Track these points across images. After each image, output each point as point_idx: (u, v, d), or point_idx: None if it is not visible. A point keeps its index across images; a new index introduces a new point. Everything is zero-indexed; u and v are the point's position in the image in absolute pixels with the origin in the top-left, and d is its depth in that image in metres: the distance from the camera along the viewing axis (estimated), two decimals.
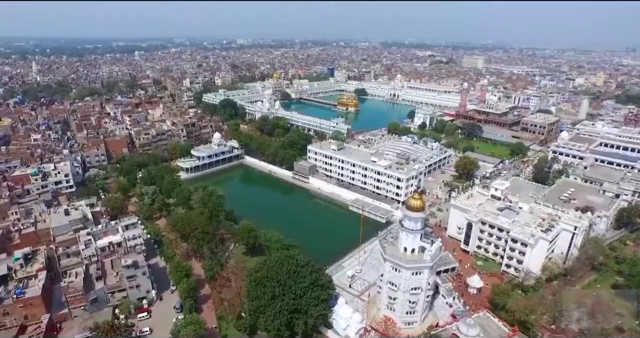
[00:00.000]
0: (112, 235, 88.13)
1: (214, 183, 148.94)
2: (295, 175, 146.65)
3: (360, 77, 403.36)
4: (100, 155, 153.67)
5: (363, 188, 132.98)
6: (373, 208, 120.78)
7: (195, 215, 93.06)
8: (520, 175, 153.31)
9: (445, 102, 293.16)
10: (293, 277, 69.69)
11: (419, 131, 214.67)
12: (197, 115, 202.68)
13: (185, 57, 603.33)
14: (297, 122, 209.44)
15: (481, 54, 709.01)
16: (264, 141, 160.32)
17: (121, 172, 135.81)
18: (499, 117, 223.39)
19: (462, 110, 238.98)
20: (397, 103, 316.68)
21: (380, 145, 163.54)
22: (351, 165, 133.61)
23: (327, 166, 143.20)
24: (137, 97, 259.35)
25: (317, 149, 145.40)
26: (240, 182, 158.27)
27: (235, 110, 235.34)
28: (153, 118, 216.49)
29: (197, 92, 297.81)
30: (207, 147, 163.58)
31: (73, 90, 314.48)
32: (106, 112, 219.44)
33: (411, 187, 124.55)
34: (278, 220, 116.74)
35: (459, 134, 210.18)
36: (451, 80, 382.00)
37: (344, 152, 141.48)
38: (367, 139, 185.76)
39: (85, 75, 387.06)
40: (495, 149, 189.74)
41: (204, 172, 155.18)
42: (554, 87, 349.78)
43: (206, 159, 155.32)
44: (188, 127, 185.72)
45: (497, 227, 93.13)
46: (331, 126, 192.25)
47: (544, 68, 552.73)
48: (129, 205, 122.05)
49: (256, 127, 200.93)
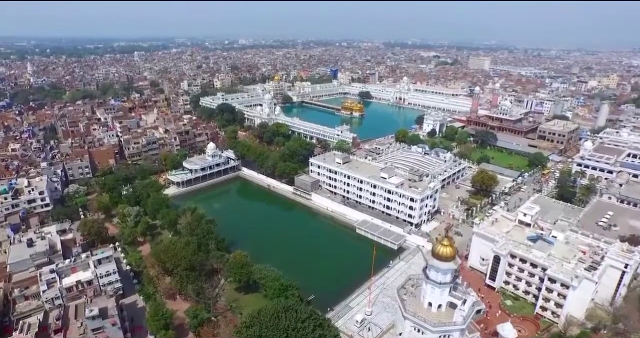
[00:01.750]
0: (81, 272, 75.41)
1: (207, 199, 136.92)
2: (297, 190, 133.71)
3: (365, 79, 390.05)
4: (84, 167, 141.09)
5: (371, 207, 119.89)
6: (383, 232, 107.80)
7: (180, 247, 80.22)
8: (542, 191, 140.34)
9: (453, 106, 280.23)
10: (292, 336, 56.89)
11: (428, 139, 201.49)
12: (191, 121, 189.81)
13: (185, 57, 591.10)
14: (299, 129, 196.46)
15: (486, 55, 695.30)
16: (262, 152, 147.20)
17: (104, 188, 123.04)
18: (514, 124, 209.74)
19: (474, 115, 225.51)
20: (403, 107, 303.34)
21: (389, 157, 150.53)
22: (358, 181, 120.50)
23: (331, 181, 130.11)
24: (131, 101, 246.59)
25: (321, 162, 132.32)
26: (236, 198, 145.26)
27: (233, 115, 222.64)
28: (146, 124, 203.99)
29: (194, 95, 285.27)
30: (201, 158, 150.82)
31: (67, 93, 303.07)
32: (97, 117, 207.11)
33: (426, 207, 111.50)
34: (277, 243, 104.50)
35: (471, 142, 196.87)
36: (459, 83, 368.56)
37: (349, 166, 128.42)
38: (373, 148, 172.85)
39: (81, 76, 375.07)
40: (512, 159, 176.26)
41: (196, 185, 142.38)
42: (566, 90, 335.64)
43: (199, 172, 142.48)
44: (181, 135, 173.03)
45: (530, 262, 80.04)
46: (335, 134, 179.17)
47: (552, 69, 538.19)
48: (112, 226, 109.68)
49: (255, 135, 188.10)
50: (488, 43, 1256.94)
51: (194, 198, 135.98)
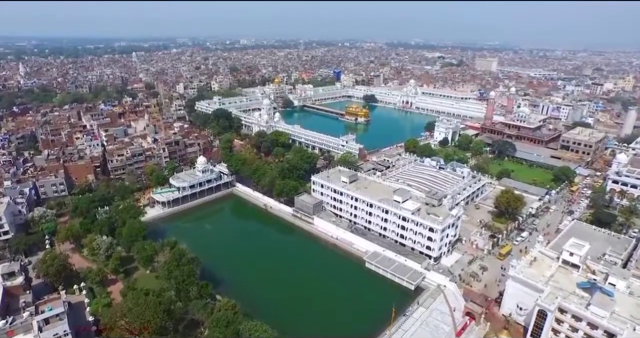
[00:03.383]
0: (22, 336, 59.84)
1: (196, 220, 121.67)
2: (297, 212, 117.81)
3: (369, 82, 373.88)
4: (59, 184, 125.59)
5: (382, 235, 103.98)
6: (397, 268, 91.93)
7: (150, 304, 64.19)
8: (574, 212, 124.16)
9: (464, 111, 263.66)
10: None
11: (440, 148, 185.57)
12: (182, 130, 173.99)
13: (185, 58, 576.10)
14: (300, 138, 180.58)
15: (491, 56, 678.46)
16: (259, 167, 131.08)
17: (76, 211, 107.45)
18: (533, 132, 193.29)
19: (488, 122, 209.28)
20: (410, 111, 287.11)
21: (400, 172, 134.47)
22: (367, 205, 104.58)
23: (336, 203, 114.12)
24: (122, 106, 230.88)
25: (324, 180, 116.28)
26: (228, 220, 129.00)
27: (229, 121, 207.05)
28: (135, 132, 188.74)
29: (190, 98, 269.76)
30: (190, 173, 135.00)
31: (57, 96, 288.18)
32: (82, 124, 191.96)
33: (446, 237, 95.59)
34: (273, 281, 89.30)
35: (487, 153, 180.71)
36: (467, 86, 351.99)
37: (357, 185, 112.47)
38: (382, 160, 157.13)
39: (74, 78, 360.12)
40: (533, 173, 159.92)
41: (185, 205, 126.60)
42: (581, 93, 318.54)
43: (187, 190, 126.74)
44: (171, 145, 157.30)
45: (588, 322, 64.08)
46: (340, 144, 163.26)
47: (561, 71, 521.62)
48: (83, 259, 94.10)
49: (252, 144, 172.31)
50: (492, 43, 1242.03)
51: (181, 220, 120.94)
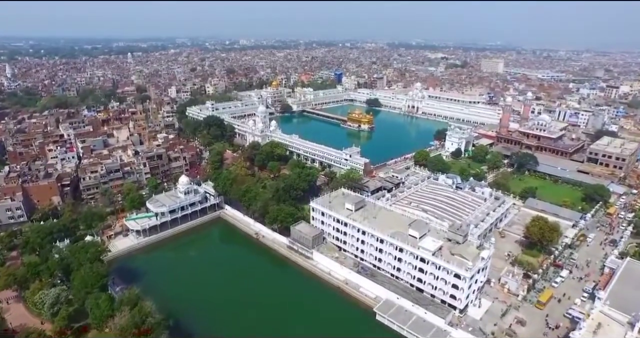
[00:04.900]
0: None
1: (175, 251, 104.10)
2: (293, 244, 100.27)
3: (372, 84, 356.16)
4: (15, 208, 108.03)
5: (395, 277, 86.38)
6: (415, 323, 74.34)
7: None
8: (618, 243, 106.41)
9: (474, 116, 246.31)
10: None
11: (453, 160, 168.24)
12: (167, 141, 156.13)
13: (182, 59, 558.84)
14: (298, 150, 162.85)
15: (493, 56, 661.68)
16: (249, 189, 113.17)
17: (27, 247, 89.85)
18: (555, 143, 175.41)
19: (504, 131, 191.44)
20: (416, 117, 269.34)
21: (412, 193, 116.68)
22: (377, 240, 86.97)
23: (339, 235, 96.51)
24: (107, 112, 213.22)
25: (325, 208, 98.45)
26: (213, 252, 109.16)
27: (221, 130, 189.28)
28: (118, 142, 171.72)
29: (182, 103, 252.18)
30: (172, 194, 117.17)
31: (42, 99, 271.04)
32: (59, 133, 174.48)
33: (475, 283, 78.01)
34: (262, 329, 71.78)
35: (505, 166, 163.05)
36: (475, 89, 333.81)
37: (364, 213, 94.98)
38: (390, 177, 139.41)
39: (63, 80, 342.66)
40: (560, 190, 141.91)
41: (164, 233, 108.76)
42: (598, 97, 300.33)
43: (167, 216, 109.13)
44: (153, 159, 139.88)
45: None
46: (343, 158, 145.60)
47: (569, 72, 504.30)
48: (29, 313, 76.63)
49: (245, 157, 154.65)
50: (493, 44, 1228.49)
51: (159, 252, 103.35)
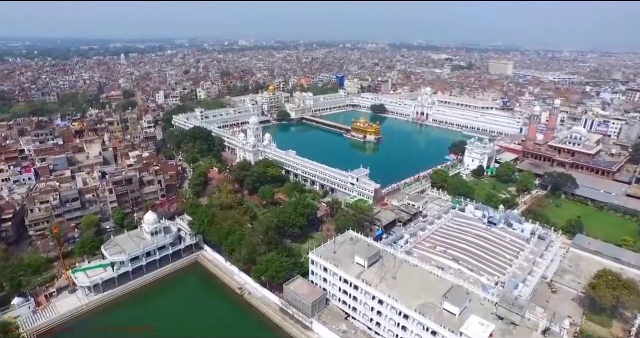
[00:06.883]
0: None
1: (138, 308, 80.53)
2: (287, 307, 76.79)
3: (376, 88, 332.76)
4: None
5: None
6: None
7: None
8: None
9: (490, 124, 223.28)
10: None
11: (474, 180, 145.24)
12: (140, 160, 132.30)
13: (177, 60, 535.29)
14: (296, 170, 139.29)
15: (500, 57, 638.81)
16: (232, 229, 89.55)
17: None
18: (593, 160, 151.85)
19: (531, 145, 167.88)
20: (426, 124, 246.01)
21: (435, 231, 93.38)
22: (399, 314, 63.48)
23: (347, 298, 73.10)
24: (82, 121, 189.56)
25: (328, 262, 74.81)
26: (183, 315, 79.85)
27: (208, 143, 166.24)
28: (88, 158, 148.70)
29: (168, 111, 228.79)
30: (136, 234, 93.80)
31: (16, 105, 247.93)
32: (20, 148, 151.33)
33: None
34: None
35: (537, 187, 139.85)
36: (488, 93, 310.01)
37: (380, 270, 71.51)
38: (405, 205, 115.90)
39: (45, 83, 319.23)
40: (608, 219, 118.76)
41: (123, 287, 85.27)
42: (623, 102, 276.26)
43: (128, 265, 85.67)
44: (120, 184, 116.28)
45: None
46: (348, 182, 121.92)
47: (580, 74, 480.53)
48: None
49: (232, 179, 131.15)
50: (495, 44, 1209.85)
51: (116, 312, 79.77)
